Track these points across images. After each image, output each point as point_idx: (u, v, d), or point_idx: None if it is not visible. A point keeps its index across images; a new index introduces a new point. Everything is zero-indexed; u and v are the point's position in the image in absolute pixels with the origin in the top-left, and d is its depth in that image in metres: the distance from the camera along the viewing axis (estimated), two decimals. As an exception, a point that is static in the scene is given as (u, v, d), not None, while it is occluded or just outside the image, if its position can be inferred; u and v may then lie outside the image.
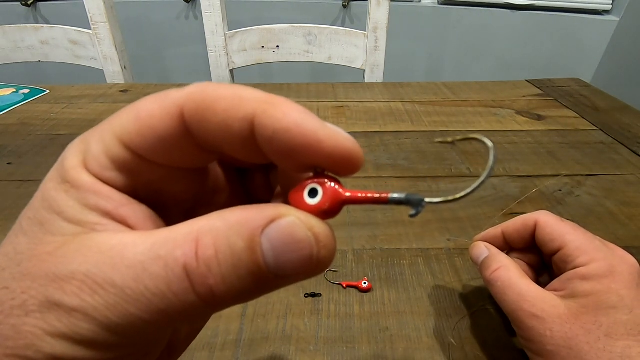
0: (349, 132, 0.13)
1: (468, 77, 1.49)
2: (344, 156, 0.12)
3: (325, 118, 0.61)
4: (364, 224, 0.39)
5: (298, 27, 0.85)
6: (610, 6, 1.39)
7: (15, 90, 0.71)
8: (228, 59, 0.85)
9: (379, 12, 0.81)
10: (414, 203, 0.13)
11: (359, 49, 0.85)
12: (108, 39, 0.80)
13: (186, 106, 0.12)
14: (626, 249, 0.25)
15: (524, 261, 0.29)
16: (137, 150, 0.12)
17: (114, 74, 0.84)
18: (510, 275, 0.25)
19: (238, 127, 0.11)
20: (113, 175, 0.12)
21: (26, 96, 0.69)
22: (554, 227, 0.26)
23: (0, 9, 1.37)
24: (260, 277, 0.11)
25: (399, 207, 0.13)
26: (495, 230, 0.29)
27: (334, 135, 0.12)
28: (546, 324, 0.23)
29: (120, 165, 0.12)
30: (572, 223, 0.27)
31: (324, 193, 0.13)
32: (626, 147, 0.52)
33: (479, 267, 0.28)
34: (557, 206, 0.41)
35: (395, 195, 0.13)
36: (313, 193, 0.13)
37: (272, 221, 0.11)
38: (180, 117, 0.12)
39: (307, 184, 0.13)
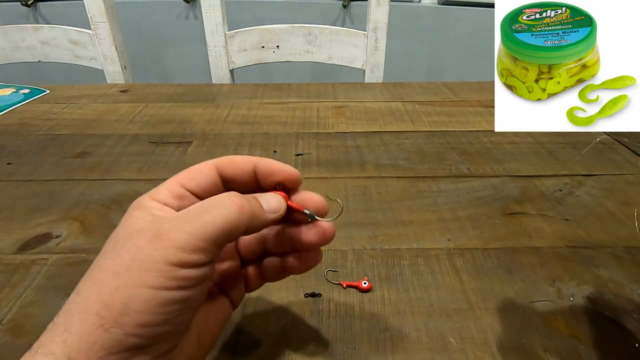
0: (349, 132, 0.13)
1: (468, 77, 1.49)
2: (295, 179, 0.23)
3: (325, 118, 0.61)
4: (364, 224, 0.39)
5: (298, 27, 0.85)
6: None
7: (15, 90, 0.71)
8: (228, 59, 0.85)
9: (379, 12, 0.81)
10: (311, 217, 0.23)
11: (359, 49, 0.85)
12: (108, 39, 0.80)
13: (219, 161, 0.22)
14: (626, 249, 0.25)
15: None
16: (187, 187, 0.21)
17: (114, 74, 0.84)
18: None
19: (247, 167, 0.23)
20: (172, 201, 0.21)
21: (26, 96, 0.69)
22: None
23: (0, 9, 1.37)
24: (261, 209, 0.21)
25: (399, 208, 0.15)
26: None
27: (290, 169, 0.23)
28: None
29: (177, 196, 0.21)
30: None
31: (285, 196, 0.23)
32: (626, 147, 0.52)
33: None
34: (557, 206, 0.41)
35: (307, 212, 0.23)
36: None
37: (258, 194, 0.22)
38: (215, 168, 0.22)
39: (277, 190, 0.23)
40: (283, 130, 0.57)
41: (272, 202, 0.22)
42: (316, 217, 0.23)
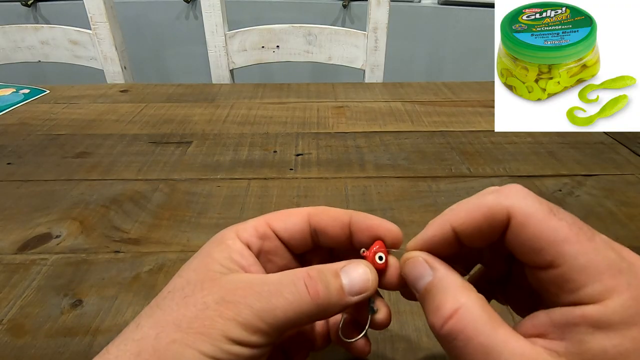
0: (349, 132, 0.13)
1: (468, 77, 1.49)
2: (396, 238, 0.21)
3: (325, 118, 0.61)
4: (364, 224, 0.39)
5: (298, 27, 0.85)
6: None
7: (15, 90, 0.71)
8: (228, 59, 0.85)
9: (379, 12, 0.81)
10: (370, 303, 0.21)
11: (359, 49, 0.85)
12: (108, 39, 0.80)
13: (312, 211, 0.22)
14: (626, 249, 0.25)
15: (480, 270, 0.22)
16: (274, 228, 0.21)
17: (114, 74, 0.84)
18: (477, 326, 0.16)
19: (342, 220, 0.21)
20: (256, 241, 0.21)
21: (26, 96, 0.69)
22: (542, 227, 0.16)
23: (0, 9, 1.37)
24: (340, 292, 0.19)
25: (399, 208, 0.15)
26: (442, 228, 0.18)
27: (390, 225, 0.21)
28: None
29: (262, 236, 0.21)
30: (567, 216, 0.16)
31: (386, 260, 0.21)
32: (626, 147, 0.52)
33: (419, 298, 0.18)
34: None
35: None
36: (380, 258, 0.21)
37: (345, 265, 0.20)
38: (308, 216, 0.22)
39: (377, 252, 0.20)
40: (283, 130, 0.57)
41: (356, 282, 0.19)
42: (375, 309, 0.21)
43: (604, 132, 0.55)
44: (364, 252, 0.21)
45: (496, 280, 0.20)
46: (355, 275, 0.19)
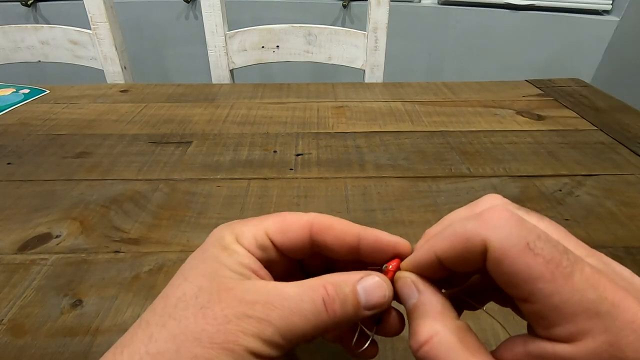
0: (349, 132, 0.13)
1: (468, 77, 1.49)
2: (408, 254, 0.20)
3: (325, 118, 0.61)
4: (364, 224, 0.39)
5: (298, 27, 0.85)
6: (610, 6, 1.39)
7: (15, 90, 0.71)
8: (228, 59, 0.85)
9: (379, 12, 0.81)
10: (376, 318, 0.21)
11: (359, 49, 0.85)
12: (108, 39, 0.81)
13: (315, 223, 0.21)
14: (626, 249, 0.25)
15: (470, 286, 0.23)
16: (274, 240, 0.21)
17: (114, 74, 0.84)
18: (450, 354, 0.16)
19: (349, 239, 0.21)
20: (255, 250, 0.20)
21: (26, 96, 0.69)
22: (516, 263, 0.15)
23: (0, 9, 1.37)
24: (357, 307, 0.19)
25: (399, 208, 0.15)
26: (428, 255, 0.19)
27: (404, 243, 0.21)
28: None
29: (261, 247, 0.21)
30: (547, 249, 0.15)
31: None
32: (626, 147, 0.52)
33: (407, 317, 0.20)
34: (557, 206, 0.41)
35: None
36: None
37: (362, 278, 0.19)
38: (309, 228, 0.21)
39: (395, 269, 0.20)
40: (283, 130, 0.57)
41: (373, 297, 0.19)
42: (380, 320, 0.21)
43: (604, 132, 0.55)
44: (385, 268, 0.20)
45: (494, 285, 0.20)
46: (372, 289, 0.19)
